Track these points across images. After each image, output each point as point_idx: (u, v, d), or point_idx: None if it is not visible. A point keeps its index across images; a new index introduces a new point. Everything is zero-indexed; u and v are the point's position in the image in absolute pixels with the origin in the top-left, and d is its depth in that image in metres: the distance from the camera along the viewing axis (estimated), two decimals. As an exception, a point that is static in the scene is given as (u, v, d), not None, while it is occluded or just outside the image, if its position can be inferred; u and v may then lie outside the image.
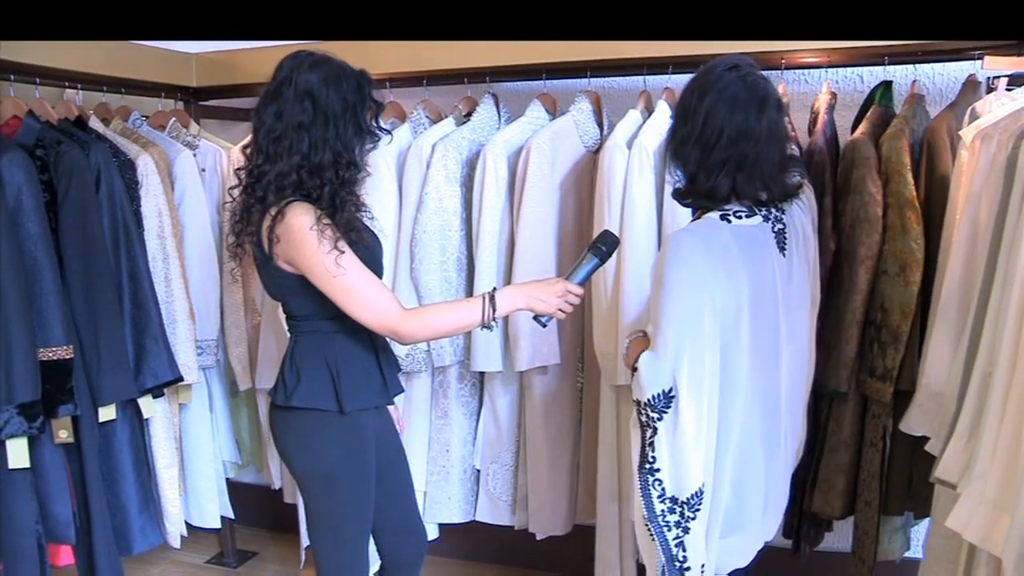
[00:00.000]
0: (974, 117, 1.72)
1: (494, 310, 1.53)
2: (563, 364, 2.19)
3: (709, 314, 1.31)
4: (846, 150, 1.83)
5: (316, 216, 1.46)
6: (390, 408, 1.81)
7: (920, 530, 2.17)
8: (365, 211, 1.66)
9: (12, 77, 2.02)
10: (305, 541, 2.59)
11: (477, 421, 2.35)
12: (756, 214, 1.39)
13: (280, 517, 2.89)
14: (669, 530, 1.33)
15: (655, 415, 1.31)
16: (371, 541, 1.74)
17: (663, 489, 1.32)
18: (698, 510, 1.33)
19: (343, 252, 1.47)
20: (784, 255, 1.42)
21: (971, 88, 1.88)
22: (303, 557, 2.63)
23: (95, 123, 2.23)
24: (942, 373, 1.66)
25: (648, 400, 1.31)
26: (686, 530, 1.33)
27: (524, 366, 2.12)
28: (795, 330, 1.49)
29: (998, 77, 1.76)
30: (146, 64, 2.34)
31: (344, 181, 1.51)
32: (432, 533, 2.35)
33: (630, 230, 1.95)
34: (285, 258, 1.50)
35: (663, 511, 1.33)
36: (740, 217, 1.38)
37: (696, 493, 1.32)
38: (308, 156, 1.47)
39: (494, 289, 1.57)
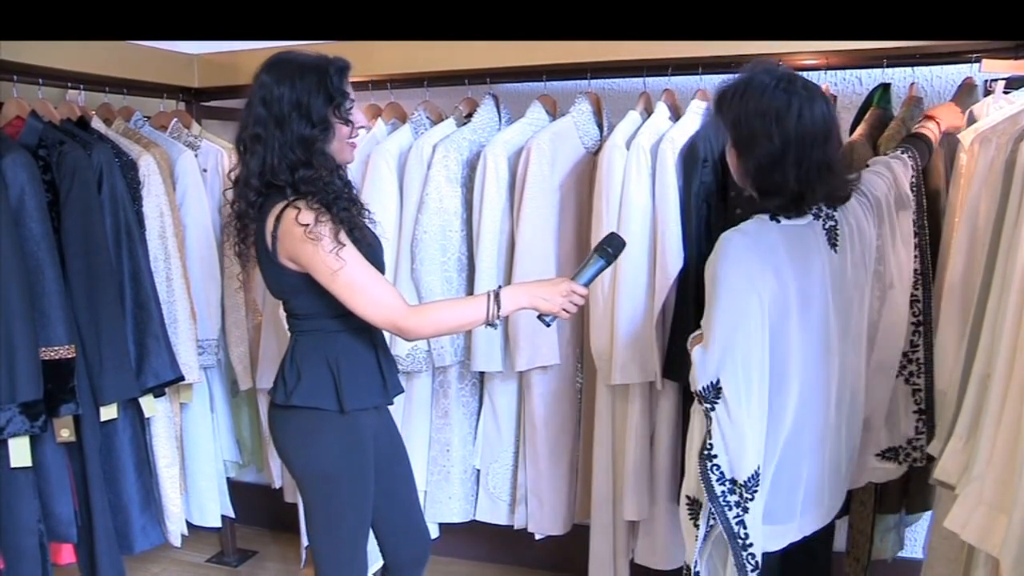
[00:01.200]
0: (971, 120, 1.73)
1: (498, 308, 1.53)
2: (563, 364, 2.20)
3: (757, 312, 1.36)
4: (844, 152, 1.84)
5: (315, 214, 1.47)
6: None
7: (912, 530, 2.18)
8: (367, 214, 1.66)
9: (15, 77, 2.02)
10: (305, 540, 2.59)
11: (477, 421, 2.36)
12: (806, 212, 1.43)
13: (280, 516, 2.90)
14: (730, 509, 1.39)
15: (708, 405, 1.37)
16: (374, 541, 1.74)
17: (721, 473, 1.38)
18: (755, 491, 1.39)
19: (345, 247, 1.47)
20: (836, 251, 1.45)
21: (966, 91, 1.89)
22: (303, 556, 2.64)
23: (97, 123, 2.24)
24: (945, 372, 1.67)
25: (699, 391, 1.38)
26: (745, 509, 1.39)
27: (524, 366, 2.13)
28: (851, 328, 1.51)
29: (996, 80, 1.77)
30: (148, 65, 2.35)
31: (303, 180, 1.48)
32: (432, 532, 2.36)
33: (627, 230, 1.96)
34: (288, 256, 1.51)
35: (723, 492, 1.39)
36: (789, 216, 1.42)
37: (753, 475, 1.38)
38: (264, 159, 1.48)
39: (499, 287, 1.58)
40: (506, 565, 2.68)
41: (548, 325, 1.61)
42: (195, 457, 2.51)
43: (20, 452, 1.82)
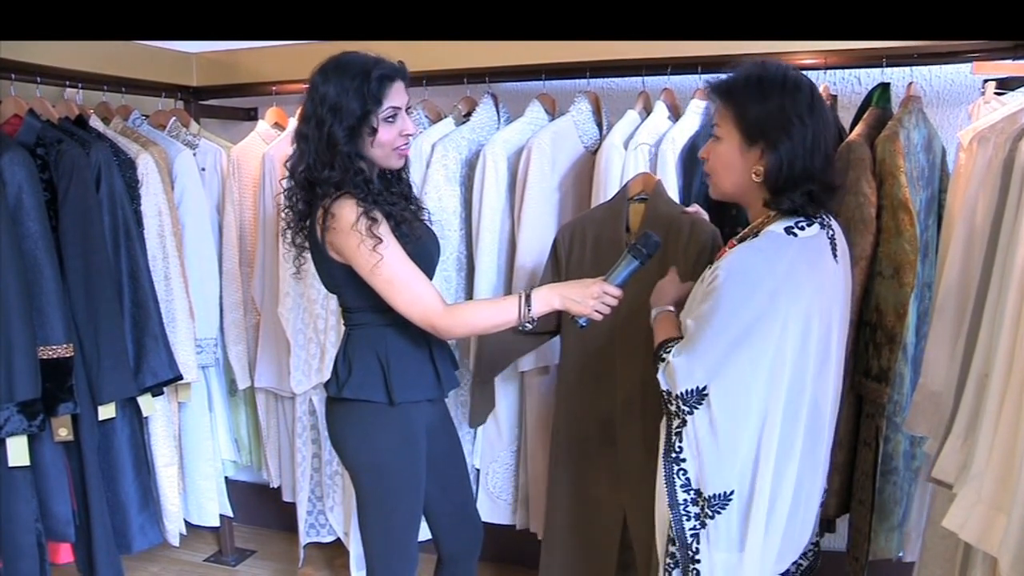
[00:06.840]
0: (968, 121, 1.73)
1: (530, 309, 1.53)
2: (562, 364, 2.19)
3: (767, 330, 1.30)
4: (841, 151, 1.84)
5: (359, 209, 1.49)
6: None
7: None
8: (423, 210, 1.73)
9: (13, 76, 2.02)
10: (304, 539, 2.59)
11: (476, 420, 2.35)
12: (815, 222, 1.37)
13: (279, 515, 2.90)
14: (688, 520, 1.36)
15: (686, 408, 1.33)
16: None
17: (687, 479, 1.35)
18: (719, 512, 1.34)
19: (385, 243, 1.49)
20: (837, 261, 1.40)
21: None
22: (302, 555, 2.64)
23: (95, 122, 2.24)
24: (939, 373, 1.67)
25: (680, 394, 1.33)
26: (703, 524, 1.35)
27: (525, 366, 2.13)
28: (842, 341, 1.45)
29: (987, 81, 1.78)
30: (147, 63, 2.35)
31: (325, 181, 1.51)
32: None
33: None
34: (335, 249, 1.54)
35: (685, 500, 1.35)
36: (803, 228, 1.35)
37: (721, 495, 1.33)
38: (306, 157, 1.53)
39: (531, 289, 1.58)
40: (506, 564, 2.68)
41: (582, 327, 1.58)
42: (193, 456, 2.51)
43: (18, 451, 1.82)
